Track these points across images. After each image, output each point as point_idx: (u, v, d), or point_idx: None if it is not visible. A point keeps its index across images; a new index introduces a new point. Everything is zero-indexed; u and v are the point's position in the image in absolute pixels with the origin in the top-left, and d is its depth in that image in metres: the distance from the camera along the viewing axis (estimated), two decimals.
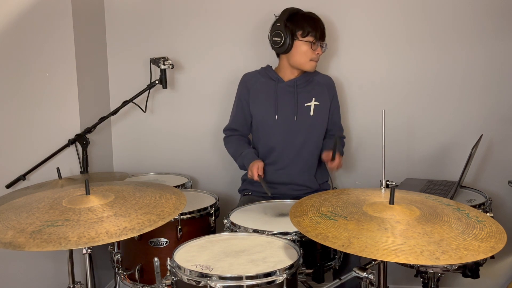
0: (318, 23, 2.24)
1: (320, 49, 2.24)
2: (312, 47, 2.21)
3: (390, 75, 2.54)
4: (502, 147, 2.51)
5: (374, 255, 1.21)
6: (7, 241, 1.33)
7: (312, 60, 2.25)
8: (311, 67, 2.26)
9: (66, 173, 2.35)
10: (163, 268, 1.50)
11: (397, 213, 1.40)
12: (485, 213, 1.52)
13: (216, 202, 2.11)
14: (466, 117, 2.52)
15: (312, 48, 2.22)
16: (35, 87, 2.32)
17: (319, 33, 2.22)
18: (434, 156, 2.56)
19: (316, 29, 2.21)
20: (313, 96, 2.29)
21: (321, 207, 1.51)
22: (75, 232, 1.34)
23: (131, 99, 2.49)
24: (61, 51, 2.33)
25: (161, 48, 2.63)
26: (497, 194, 2.49)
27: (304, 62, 2.24)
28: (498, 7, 2.42)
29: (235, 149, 2.33)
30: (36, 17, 2.28)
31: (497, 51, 2.45)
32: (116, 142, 2.77)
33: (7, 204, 1.61)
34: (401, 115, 2.55)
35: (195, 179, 2.69)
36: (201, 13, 2.61)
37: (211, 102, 2.67)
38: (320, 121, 2.31)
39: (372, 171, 2.53)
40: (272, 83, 2.31)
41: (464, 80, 2.50)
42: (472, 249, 1.25)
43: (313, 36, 2.21)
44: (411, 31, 2.50)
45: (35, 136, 2.34)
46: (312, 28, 2.20)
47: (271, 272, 1.39)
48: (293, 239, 1.69)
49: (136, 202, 1.55)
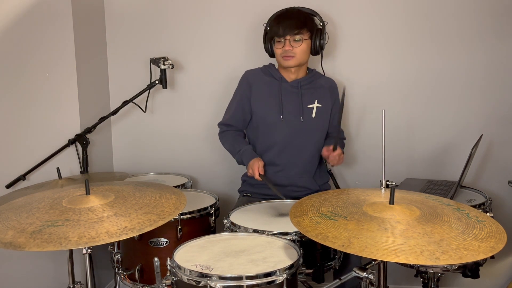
0: (283, 19, 2.21)
1: (288, 44, 2.19)
2: (278, 45, 2.22)
3: (390, 75, 2.54)
4: (502, 147, 2.51)
5: (374, 255, 1.22)
6: (7, 241, 1.33)
7: (283, 57, 2.21)
8: (285, 64, 2.23)
9: (66, 173, 2.35)
10: (163, 268, 1.50)
11: (397, 213, 1.40)
12: (485, 213, 1.52)
13: (216, 202, 2.11)
14: (466, 117, 2.52)
15: (278, 47, 2.22)
16: (35, 87, 2.32)
17: (281, 29, 2.19)
18: (434, 156, 2.56)
19: (278, 28, 2.19)
20: (316, 98, 2.28)
21: (321, 207, 1.51)
22: (76, 232, 1.34)
23: (131, 99, 2.49)
24: (61, 51, 2.33)
25: (161, 48, 2.63)
26: (497, 194, 2.50)
27: (279, 61, 2.26)
28: (499, 8, 2.42)
29: (232, 144, 2.30)
30: (36, 17, 2.28)
31: (497, 51, 2.45)
32: (116, 142, 2.77)
33: (7, 204, 1.61)
34: (401, 115, 2.55)
35: (195, 179, 2.69)
36: (201, 13, 2.61)
37: (211, 102, 2.66)
38: (322, 123, 2.30)
39: (372, 171, 2.53)
40: (275, 82, 2.30)
41: (464, 80, 2.50)
42: (472, 249, 1.25)
43: (276, 35, 2.21)
44: (411, 32, 2.50)
45: (35, 136, 2.34)
46: (276, 30, 2.20)
47: (271, 272, 1.39)
48: (293, 239, 1.69)
49: (136, 202, 1.55)
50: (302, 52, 2.21)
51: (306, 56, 2.25)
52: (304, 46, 2.21)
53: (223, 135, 2.36)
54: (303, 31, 2.19)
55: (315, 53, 2.28)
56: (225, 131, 2.35)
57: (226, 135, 2.34)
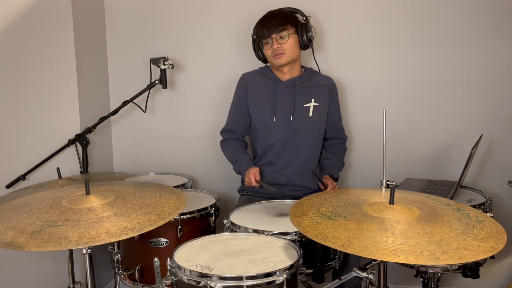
0: (265, 20, 2.24)
1: (275, 42, 2.21)
2: (266, 46, 2.24)
3: (390, 75, 2.54)
4: (502, 147, 2.51)
5: (374, 255, 1.22)
6: (7, 241, 1.33)
7: (273, 56, 2.23)
8: (277, 62, 2.24)
9: (66, 173, 2.35)
10: (163, 268, 1.50)
11: (397, 213, 1.40)
12: (485, 213, 1.52)
13: (216, 202, 2.11)
14: (466, 117, 2.51)
15: (267, 47, 2.24)
16: (35, 87, 2.32)
17: (264, 30, 2.21)
18: (434, 156, 2.56)
19: (262, 31, 2.23)
20: (313, 97, 2.29)
21: (321, 207, 1.51)
22: (76, 232, 1.34)
23: (131, 99, 2.49)
24: (61, 51, 2.33)
25: (161, 48, 2.63)
26: (497, 194, 2.49)
27: (271, 61, 2.27)
28: (499, 8, 2.42)
29: (231, 154, 2.33)
30: (36, 17, 2.28)
31: (497, 51, 2.45)
32: (116, 142, 2.77)
33: (7, 204, 1.61)
34: (401, 115, 2.54)
35: (195, 179, 2.69)
36: (201, 13, 2.61)
37: (211, 102, 2.67)
38: (319, 122, 2.31)
39: (372, 171, 2.53)
40: (270, 83, 2.31)
41: (464, 80, 2.49)
42: (472, 249, 1.25)
43: (262, 37, 2.23)
44: (412, 32, 2.49)
45: (35, 136, 2.34)
46: (261, 33, 2.23)
47: (271, 272, 1.39)
48: (293, 239, 1.69)
49: (136, 202, 1.55)
50: (291, 47, 2.23)
51: (297, 51, 2.26)
52: (292, 41, 2.22)
53: (224, 144, 2.38)
54: (287, 27, 2.22)
55: (305, 47, 2.29)
56: (226, 139, 2.37)
57: (227, 144, 2.37)
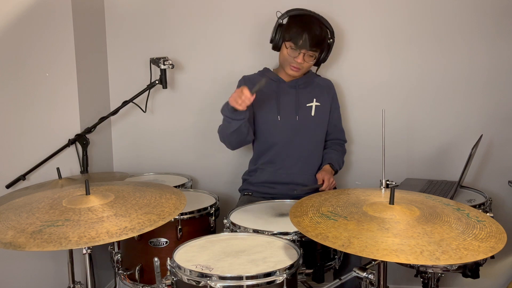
0: (306, 31, 2.14)
1: (301, 58, 2.17)
2: (291, 53, 2.18)
3: (390, 76, 2.54)
4: (502, 147, 2.51)
5: (374, 255, 1.22)
6: (7, 241, 1.33)
7: (292, 66, 2.20)
8: (291, 73, 2.23)
9: (66, 173, 2.35)
10: (163, 268, 1.50)
11: (397, 213, 1.40)
12: (485, 213, 1.52)
13: (216, 202, 2.11)
14: (466, 117, 2.52)
15: (291, 55, 2.18)
16: (35, 87, 2.32)
17: (301, 41, 2.14)
18: (434, 156, 2.56)
19: (298, 36, 2.14)
20: (314, 97, 2.30)
21: (321, 207, 1.51)
22: (76, 232, 1.34)
23: (131, 99, 2.49)
24: (61, 51, 2.33)
25: (161, 48, 2.63)
26: (497, 194, 2.50)
27: (285, 65, 2.24)
28: (499, 8, 2.42)
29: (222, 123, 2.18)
30: (36, 17, 2.28)
31: (497, 51, 2.45)
32: (116, 142, 2.77)
33: (7, 204, 1.61)
34: (401, 115, 2.55)
35: (195, 179, 2.68)
36: (202, 13, 2.61)
37: (211, 102, 2.66)
38: (321, 121, 2.32)
39: (372, 171, 2.53)
40: (273, 83, 2.31)
41: (464, 80, 2.50)
42: (472, 249, 1.25)
43: (294, 43, 2.16)
44: (412, 32, 2.49)
45: (35, 136, 2.34)
46: (295, 34, 2.15)
47: (271, 272, 1.39)
48: (293, 239, 1.69)
49: (136, 202, 1.55)
50: (309, 66, 2.27)
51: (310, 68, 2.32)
52: (313, 61, 2.24)
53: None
54: (318, 50, 2.21)
55: (316, 64, 2.32)
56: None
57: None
